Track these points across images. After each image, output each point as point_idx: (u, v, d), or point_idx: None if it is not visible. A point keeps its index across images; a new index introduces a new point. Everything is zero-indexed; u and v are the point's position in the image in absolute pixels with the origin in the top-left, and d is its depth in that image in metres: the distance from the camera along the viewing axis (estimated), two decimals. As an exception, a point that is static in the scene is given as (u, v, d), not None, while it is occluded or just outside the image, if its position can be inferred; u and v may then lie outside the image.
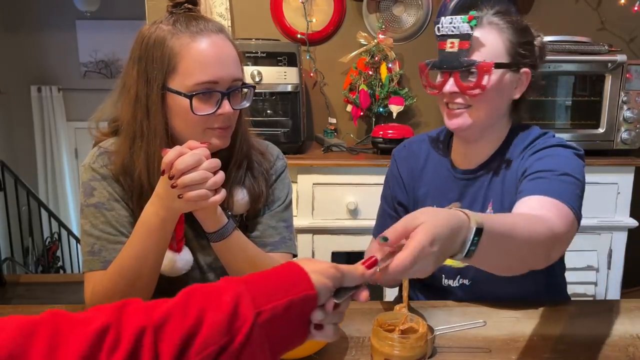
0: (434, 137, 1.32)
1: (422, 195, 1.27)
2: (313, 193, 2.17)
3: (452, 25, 1.10)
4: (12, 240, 4.48)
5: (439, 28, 1.13)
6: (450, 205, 0.81)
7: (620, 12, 2.45)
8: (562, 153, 1.11)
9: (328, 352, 0.98)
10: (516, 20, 1.15)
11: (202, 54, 0.99)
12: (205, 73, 0.98)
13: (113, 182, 1.07)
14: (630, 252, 2.22)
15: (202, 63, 0.98)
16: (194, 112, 0.99)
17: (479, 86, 1.09)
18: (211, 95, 1.00)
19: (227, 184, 1.09)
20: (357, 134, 2.59)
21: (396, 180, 1.32)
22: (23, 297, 3.46)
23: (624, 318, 1.12)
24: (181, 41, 0.99)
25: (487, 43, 1.11)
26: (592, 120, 2.22)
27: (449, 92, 1.13)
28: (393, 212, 1.33)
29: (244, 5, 2.48)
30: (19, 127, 5.33)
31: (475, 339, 1.03)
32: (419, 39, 2.54)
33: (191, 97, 0.98)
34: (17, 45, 5.14)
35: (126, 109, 1.05)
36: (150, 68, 1.00)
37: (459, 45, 1.10)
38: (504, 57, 1.12)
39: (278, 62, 2.18)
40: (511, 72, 1.13)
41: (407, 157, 1.32)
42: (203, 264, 1.15)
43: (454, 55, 1.11)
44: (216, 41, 1.00)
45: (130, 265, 0.98)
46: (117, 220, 1.05)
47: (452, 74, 1.12)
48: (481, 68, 1.09)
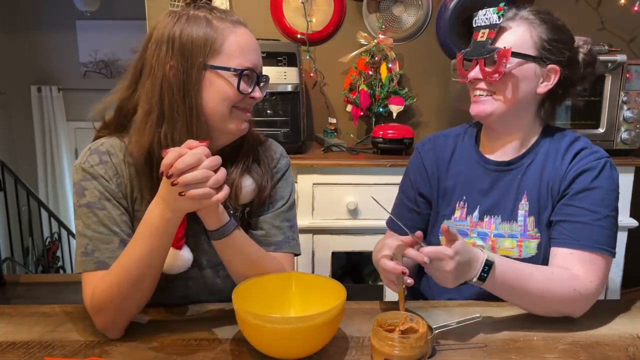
0: (460, 132, 1.34)
1: (450, 187, 1.28)
2: (313, 193, 2.17)
3: (485, 16, 1.18)
4: (12, 240, 4.48)
5: (475, 20, 1.21)
6: (477, 246, 1.04)
7: (620, 12, 2.45)
8: (607, 184, 1.14)
9: (328, 352, 0.98)
10: (551, 18, 1.19)
11: (244, 40, 1.06)
12: (247, 59, 1.05)
13: (104, 181, 1.06)
14: (630, 252, 2.22)
15: (244, 48, 1.05)
16: (239, 90, 1.03)
17: (497, 71, 1.14)
18: (249, 78, 1.06)
19: (235, 172, 1.10)
20: (357, 134, 2.59)
21: (419, 172, 1.32)
22: (23, 297, 3.46)
23: (624, 318, 1.12)
24: (224, 25, 1.04)
25: (514, 33, 1.16)
26: (592, 120, 2.22)
27: (473, 78, 1.19)
28: (413, 204, 1.33)
29: (244, 5, 2.48)
30: (19, 127, 5.33)
31: (475, 339, 1.03)
32: (419, 39, 2.54)
33: (242, 72, 1.03)
34: (17, 45, 5.14)
35: (151, 90, 1.02)
36: (188, 47, 1.01)
37: (488, 35, 1.18)
38: (530, 49, 1.15)
39: (278, 62, 2.17)
40: (536, 65, 1.16)
41: (432, 150, 1.33)
42: (202, 262, 1.15)
43: (482, 43, 1.18)
44: (249, 32, 1.09)
45: (135, 267, 0.98)
46: (109, 219, 1.05)
47: (478, 61, 1.18)
48: (500, 54, 1.14)
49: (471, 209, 1.24)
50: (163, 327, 1.07)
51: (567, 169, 1.17)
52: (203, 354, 0.97)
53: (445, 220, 1.26)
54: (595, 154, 1.17)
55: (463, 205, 1.25)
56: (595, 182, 1.13)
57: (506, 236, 1.21)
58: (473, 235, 1.23)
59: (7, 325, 1.08)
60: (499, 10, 1.15)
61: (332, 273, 2.24)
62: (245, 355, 0.97)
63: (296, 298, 1.06)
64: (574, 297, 1.06)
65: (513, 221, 1.20)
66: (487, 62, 1.17)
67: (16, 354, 0.97)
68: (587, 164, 1.15)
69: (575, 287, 1.05)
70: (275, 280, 1.06)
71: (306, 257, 2.20)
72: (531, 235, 1.19)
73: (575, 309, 1.09)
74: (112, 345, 1.00)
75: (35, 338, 1.02)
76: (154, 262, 0.99)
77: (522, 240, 1.19)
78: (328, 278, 1.06)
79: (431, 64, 2.54)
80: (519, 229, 1.20)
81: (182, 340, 1.02)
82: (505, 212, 1.21)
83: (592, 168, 1.15)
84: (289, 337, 0.91)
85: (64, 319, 1.10)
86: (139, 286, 0.99)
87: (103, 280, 1.00)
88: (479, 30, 1.20)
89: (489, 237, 1.22)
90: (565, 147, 1.20)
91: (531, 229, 1.19)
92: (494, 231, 1.22)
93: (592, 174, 1.14)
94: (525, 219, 1.19)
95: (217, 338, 1.02)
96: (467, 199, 1.25)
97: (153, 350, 0.98)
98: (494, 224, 1.22)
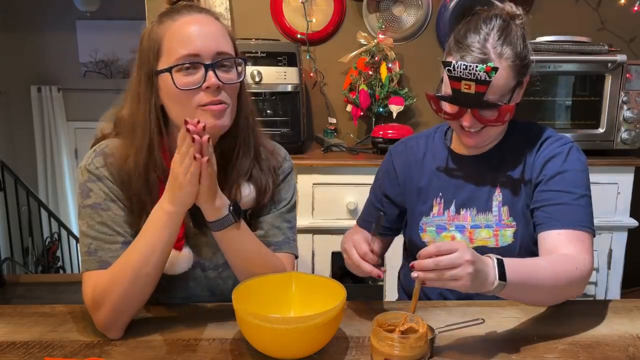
0: (430, 133, 1.38)
1: (425, 186, 1.31)
2: (313, 193, 2.17)
3: (467, 71, 1.09)
4: (12, 240, 4.48)
5: (450, 70, 1.10)
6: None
7: (620, 12, 2.45)
8: (576, 166, 1.18)
9: (328, 352, 0.98)
10: (508, 35, 1.13)
11: (181, 29, 1.00)
12: (186, 47, 0.98)
13: (110, 183, 1.06)
14: (630, 252, 2.22)
15: (181, 38, 0.99)
16: (177, 86, 0.98)
17: (502, 121, 1.15)
18: (196, 69, 0.99)
19: (232, 173, 1.10)
20: (357, 134, 2.59)
21: (388, 174, 1.37)
22: (23, 297, 3.46)
23: (624, 318, 1.12)
24: (164, 25, 1.02)
25: (501, 80, 1.11)
26: (592, 120, 2.22)
27: (469, 125, 1.16)
28: (378, 204, 1.39)
29: (244, 5, 2.48)
30: (19, 127, 5.33)
31: (475, 339, 1.03)
32: (419, 39, 2.54)
33: (170, 69, 0.98)
34: (17, 45, 5.14)
35: (127, 106, 1.06)
36: (142, 60, 1.02)
37: (476, 89, 1.09)
38: (513, 80, 1.14)
39: (278, 62, 2.18)
40: (518, 89, 1.17)
41: (404, 152, 1.36)
42: (204, 263, 1.15)
43: (472, 97, 1.11)
44: (197, 18, 1.02)
45: (136, 262, 0.98)
46: (113, 220, 1.05)
47: (472, 110, 1.14)
48: (504, 110, 1.13)
49: (447, 204, 1.28)
50: (163, 327, 1.07)
51: (535, 158, 1.21)
52: (203, 354, 0.97)
53: (424, 217, 1.29)
54: (560, 140, 1.22)
55: (440, 201, 1.29)
56: (565, 165, 1.18)
57: (482, 227, 1.24)
58: (451, 229, 1.26)
59: (7, 325, 1.08)
60: (489, 70, 1.07)
61: (332, 273, 2.24)
62: (245, 355, 0.97)
63: (296, 298, 1.06)
64: (577, 277, 1.07)
65: (488, 212, 1.24)
66: (481, 110, 1.14)
67: (16, 354, 0.97)
68: (553, 150, 1.20)
69: (577, 266, 1.06)
70: (275, 280, 1.06)
71: (306, 257, 2.20)
72: (507, 224, 1.22)
73: (578, 289, 1.10)
74: (112, 345, 1.00)
75: (35, 338, 1.02)
76: (154, 258, 0.99)
77: (498, 229, 1.23)
78: (328, 278, 1.06)
79: (431, 64, 2.53)
80: (494, 219, 1.23)
81: (182, 340, 1.02)
82: (480, 204, 1.25)
83: (559, 153, 1.19)
84: (289, 337, 0.90)
85: (64, 319, 1.10)
86: (138, 282, 0.99)
87: (103, 277, 1.01)
88: (459, 80, 1.10)
89: (466, 229, 1.25)
90: (532, 138, 1.24)
91: (506, 218, 1.23)
92: (470, 223, 1.25)
93: (561, 158, 1.19)
94: (500, 208, 1.23)
95: (217, 338, 1.02)
96: (443, 195, 1.28)
97: (153, 350, 0.98)
98: (470, 216, 1.25)
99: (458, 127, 1.20)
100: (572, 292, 1.10)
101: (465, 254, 0.89)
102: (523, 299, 1.11)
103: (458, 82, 1.11)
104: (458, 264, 0.89)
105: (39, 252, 4.96)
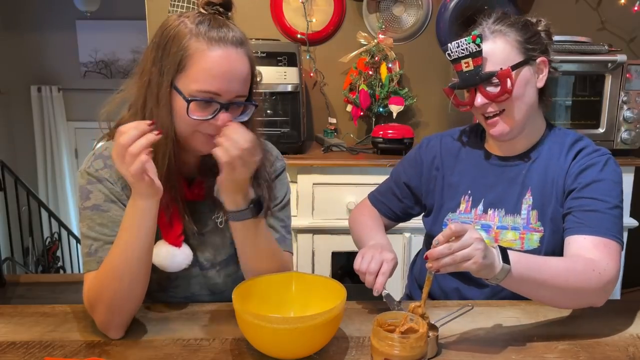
0: (466, 131, 1.38)
1: (456, 182, 1.31)
2: (313, 193, 2.17)
3: (460, 48, 1.17)
4: (12, 240, 4.48)
5: (449, 54, 1.19)
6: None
7: (620, 12, 2.45)
8: (613, 177, 1.19)
9: (328, 352, 0.98)
10: (515, 19, 1.20)
11: (213, 64, 0.98)
12: (211, 84, 0.99)
13: (109, 184, 1.07)
14: (630, 252, 2.22)
15: (210, 73, 0.99)
16: (189, 115, 0.99)
17: (506, 91, 1.15)
18: (210, 104, 1.00)
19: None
20: (357, 134, 2.59)
21: (414, 165, 1.38)
22: (23, 297, 3.46)
23: (624, 318, 1.12)
24: (198, 45, 0.99)
25: (498, 51, 1.17)
26: (592, 120, 2.22)
27: (480, 105, 1.19)
28: (397, 189, 1.40)
29: (244, 5, 2.48)
30: (19, 127, 5.33)
31: (475, 339, 1.03)
32: (419, 39, 2.54)
33: (189, 101, 0.99)
34: (17, 45, 5.14)
35: (138, 93, 1.05)
36: (165, 61, 1.00)
37: (473, 63, 1.17)
38: (517, 56, 1.17)
39: (278, 62, 2.18)
40: (529, 66, 1.18)
41: (436, 147, 1.36)
42: (203, 261, 1.15)
43: (472, 73, 1.18)
44: (231, 54, 1.00)
45: (117, 261, 0.99)
46: (113, 220, 1.05)
47: (477, 89, 1.18)
48: (501, 76, 1.15)
49: (476, 202, 1.27)
50: (163, 326, 1.07)
51: (570, 166, 1.20)
52: (203, 354, 0.97)
53: (450, 213, 1.29)
54: (599, 152, 1.22)
55: (468, 199, 1.28)
56: (601, 175, 1.18)
57: (509, 228, 1.23)
58: (477, 228, 1.26)
59: (7, 325, 1.08)
60: (474, 38, 1.15)
61: (332, 273, 2.24)
62: (245, 355, 0.97)
63: (296, 298, 1.06)
64: (596, 280, 1.04)
65: (516, 214, 1.23)
66: (486, 86, 1.18)
67: (16, 354, 0.97)
68: (590, 160, 1.19)
69: (594, 268, 1.05)
70: (275, 280, 1.06)
71: (306, 257, 2.20)
72: (534, 228, 1.21)
73: (598, 294, 1.06)
74: (112, 345, 1.00)
75: (35, 338, 1.02)
76: (134, 255, 0.99)
77: (525, 232, 1.22)
78: (328, 278, 1.06)
79: (431, 64, 2.54)
80: (521, 222, 1.22)
81: (182, 340, 1.02)
82: (509, 205, 1.24)
83: (596, 163, 1.19)
84: (289, 337, 0.91)
85: (64, 319, 1.10)
86: (124, 281, 0.99)
87: (94, 278, 1.01)
88: (459, 61, 1.18)
89: (492, 229, 1.24)
90: (568, 145, 1.23)
91: (534, 222, 1.22)
92: (497, 223, 1.24)
93: (597, 167, 1.18)
94: (529, 212, 1.22)
95: (217, 338, 1.02)
96: (472, 193, 1.28)
97: (153, 350, 0.98)
98: (498, 216, 1.25)
99: (481, 117, 1.23)
100: (591, 296, 1.07)
101: (474, 232, 0.94)
102: (532, 293, 1.06)
103: (459, 64, 1.18)
104: (469, 243, 0.92)
105: (39, 252, 4.96)
